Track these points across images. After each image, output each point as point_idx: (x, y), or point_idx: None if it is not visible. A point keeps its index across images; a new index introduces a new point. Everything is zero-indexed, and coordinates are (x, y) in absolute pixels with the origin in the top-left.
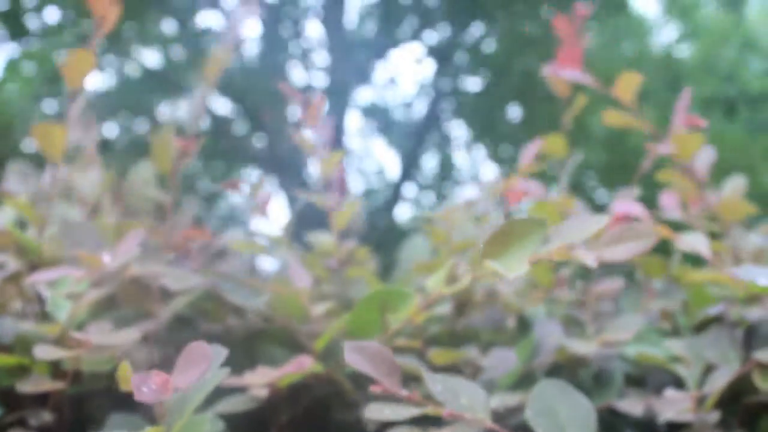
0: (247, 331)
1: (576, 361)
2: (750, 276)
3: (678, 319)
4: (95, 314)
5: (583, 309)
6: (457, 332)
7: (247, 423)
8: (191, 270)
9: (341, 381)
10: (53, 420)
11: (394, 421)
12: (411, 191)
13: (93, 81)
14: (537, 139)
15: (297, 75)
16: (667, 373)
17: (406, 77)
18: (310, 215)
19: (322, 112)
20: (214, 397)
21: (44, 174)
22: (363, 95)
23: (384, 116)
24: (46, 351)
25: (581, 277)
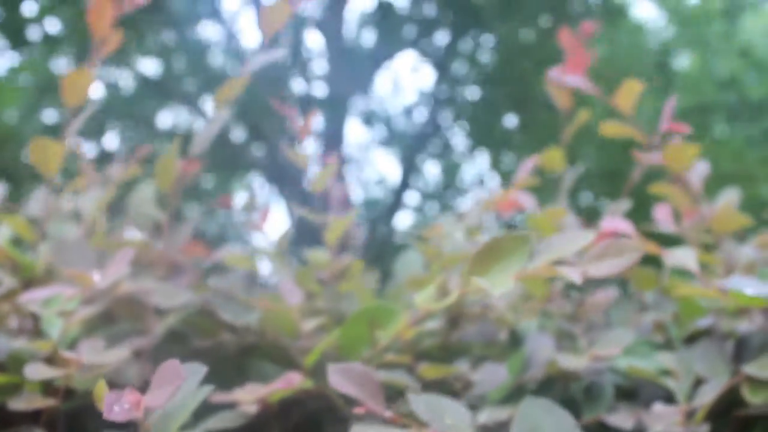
0: (240, 347)
1: (567, 375)
2: (737, 286)
3: (670, 331)
4: (90, 330)
5: (576, 322)
6: (450, 346)
7: None
8: (184, 286)
9: (332, 396)
10: None
11: None
12: (412, 200)
13: (93, 93)
14: (536, 153)
15: (296, 84)
16: (659, 385)
17: (406, 86)
18: (312, 225)
19: (315, 127)
20: (204, 414)
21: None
22: (363, 104)
23: (384, 125)
24: (37, 370)
25: (576, 289)
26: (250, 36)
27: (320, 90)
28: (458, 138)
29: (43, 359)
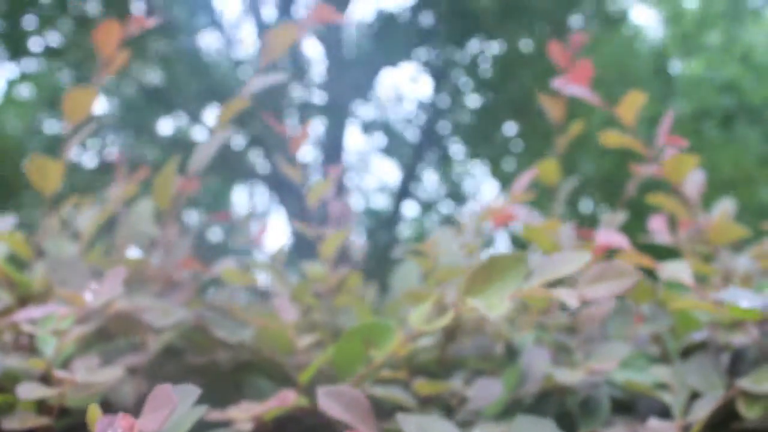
0: (235, 363)
1: (563, 389)
2: (733, 298)
3: (667, 343)
4: (85, 347)
5: (573, 334)
6: (446, 359)
7: None
8: (179, 303)
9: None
10: None
11: None
12: (413, 208)
13: (95, 107)
14: (536, 160)
15: (296, 92)
16: (656, 398)
17: (406, 94)
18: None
19: (315, 135)
20: (199, 431)
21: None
22: (363, 112)
23: (384, 133)
24: (30, 390)
25: None
26: (250, 45)
27: (320, 98)
28: (458, 146)
29: (38, 377)
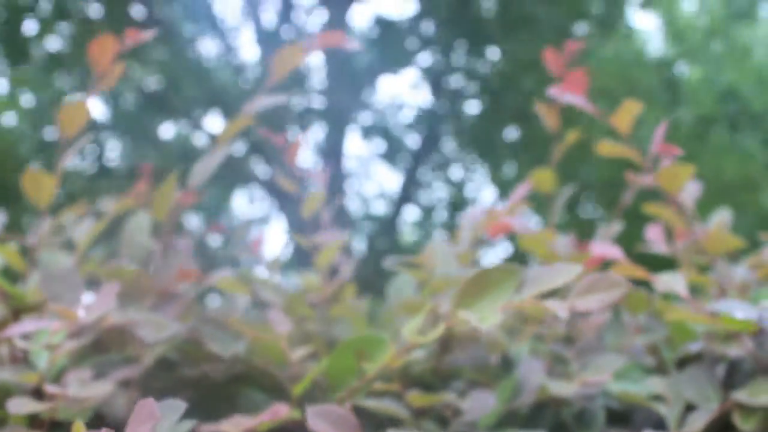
0: (229, 375)
1: (558, 400)
2: (728, 309)
3: (663, 354)
4: (78, 359)
5: (569, 344)
6: (442, 370)
7: None
8: (173, 316)
9: None
10: None
11: None
12: (414, 213)
13: (92, 113)
14: (536, 164)
15: (295, 98)
16: (652, 410)
17: (406, 100)
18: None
19: (315, 141)
20: None
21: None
22: (363, 118)
23: (383, 138)
24: (20, 405)
25: None
26: (250, 51)
27: (320, 103)
28: (458, 152)
29: (31, 391)
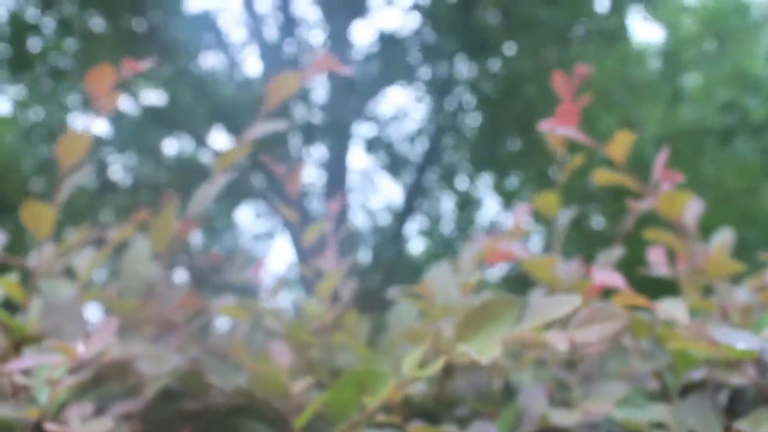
0: (231, 407)
1: (560, 429)
2: (729, 340)
3: (667, 380)
4: (80, 392)
5: (572, 369)
6: (444, 397)
7: None
8: (174, 347)
9: None
10: None
11: None
12: (420, 224)
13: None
14: (539, 173)
15: (298, 112)
16: None
17: (409, 113)
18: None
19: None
20: None
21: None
22: (366, 131)
23: (386, 152)
24: None
25: None
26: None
27: (322, 118)
28: (461, 164)
29: (32, 426)
